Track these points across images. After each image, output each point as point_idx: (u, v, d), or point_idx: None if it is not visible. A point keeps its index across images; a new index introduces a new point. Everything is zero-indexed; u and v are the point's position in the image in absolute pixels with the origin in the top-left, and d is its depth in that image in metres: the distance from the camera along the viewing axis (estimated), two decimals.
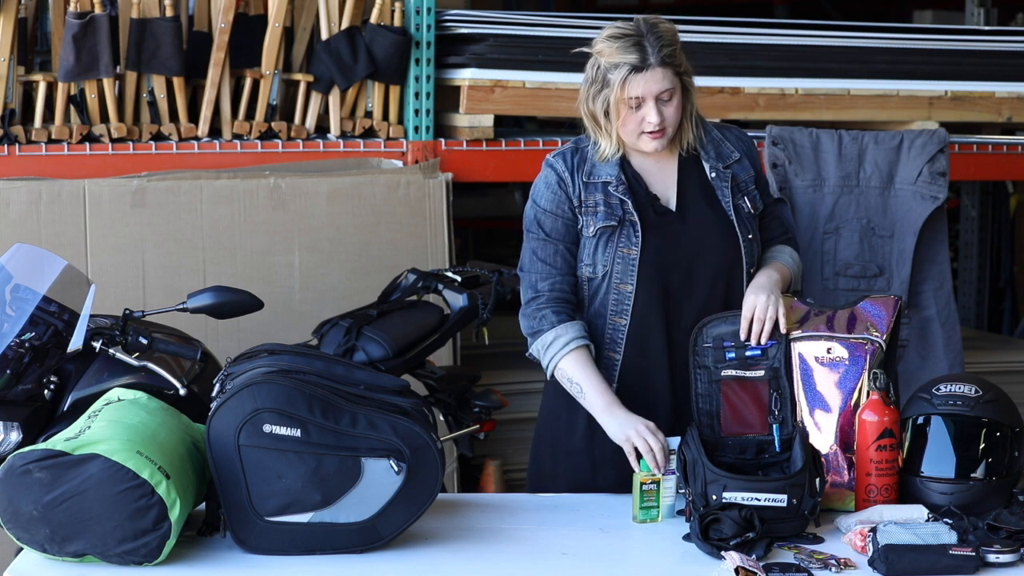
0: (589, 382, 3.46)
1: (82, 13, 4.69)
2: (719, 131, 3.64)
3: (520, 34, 5.11)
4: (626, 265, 3.49)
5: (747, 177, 3.60)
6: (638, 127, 3.46)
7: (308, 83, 5.03)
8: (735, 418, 3.44)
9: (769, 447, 3.41)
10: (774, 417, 3.41)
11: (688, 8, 8.70)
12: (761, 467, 3.37)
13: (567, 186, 3.52)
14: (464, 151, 5.13)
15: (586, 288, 3.54)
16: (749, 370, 3.44)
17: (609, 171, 3.52)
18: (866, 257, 4.67)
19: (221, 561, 3.03)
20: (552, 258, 3.53)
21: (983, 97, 5.48)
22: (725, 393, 3.44)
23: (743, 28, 5.38)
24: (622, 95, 3.43)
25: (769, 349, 3.44)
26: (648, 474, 3.29)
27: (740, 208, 3.57)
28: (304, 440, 3.04)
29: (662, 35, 3.44)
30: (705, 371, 3.45)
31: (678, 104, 3.48)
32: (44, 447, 2.95)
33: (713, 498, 3.16)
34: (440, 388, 4.53)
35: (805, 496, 3.17)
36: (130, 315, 3.87)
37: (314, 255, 4.92)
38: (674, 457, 3.31)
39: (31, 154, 4.78)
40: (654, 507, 3.29)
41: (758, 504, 3.14)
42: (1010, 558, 3.02)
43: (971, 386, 3.38)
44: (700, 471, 3.20)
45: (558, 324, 3.49)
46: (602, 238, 3.50)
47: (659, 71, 3.42)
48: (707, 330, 3.45)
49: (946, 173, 4.72)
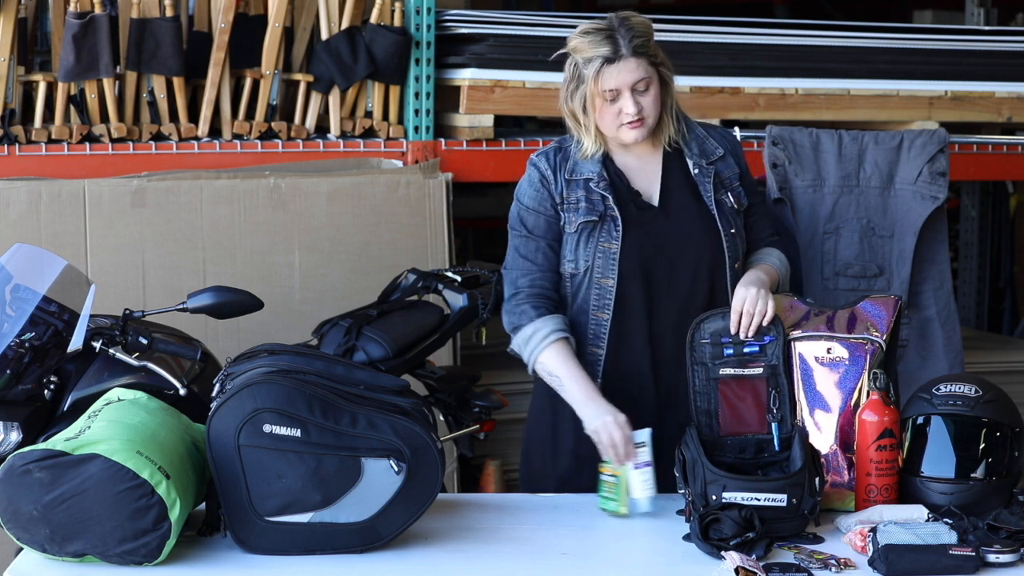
0: (568, 373, 3.47)
1: (82, 13, 4.69)
2: (704, 129, 3.65)
3: (520, 34, 5.12)
4: (607, 259, 3.51)
5: (731, 174, 3.62)
6: (616, 119, 3.49)
7: (308, 83, 5.03)
8: (733, 417, 3.43)
9: (768, 446, 3.41)
10: (773, 416, 3.41)
11: (688, 8, 8.70)
12: (760, 466, 3.37)
13: (549, 184, 3.55)
14: (464, 151, 5.13)
15: (569, 285, 3.56)
16: (747, 368, 3.43)
17: (591, 168, 3.55)
18: (866, 257, 4.66)
19: (221, 561, 3.03)
20: (533, 255, 3.55)
21: (983, 97, 5.48)
22: (723, 392, 3.43)
23: (743, 28, 5.38)
24: (597, 88, 3.46)
25: (767, 346, 3.43)
26: (609, 465, 3.30)
27: (723, 203, 3.58)
28: (304, 440, 3.04)
29: (634, 27, 3.48)
30: (703, 368, 3.44)
31: (655, 94, 3.50)
32: (44, 447, 2.95)
33: (713, 498, 3.16)
34: (440, 388, 4.53)
35: (805, 496, 3.17)
36: (130, 315, 3.87)
37: (314, 255, 4.92)
38: (645, 450, 3.30)
39: (31, 154, 4.78)
40: (613, 499, 3.31)
41: (758, 504, 3.14)
42: (1010, 558, 3.02)
43: (971, 386, 3.38)
44: (700, 471, 3.20)
45: (537, 318, 3.51)
46: (583, 233, 3.52)
47: (632, 61, 3.45)
48: (704, 326, 3.44)
49: (946, 173, 4.71)
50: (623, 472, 3.30)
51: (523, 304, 3.53)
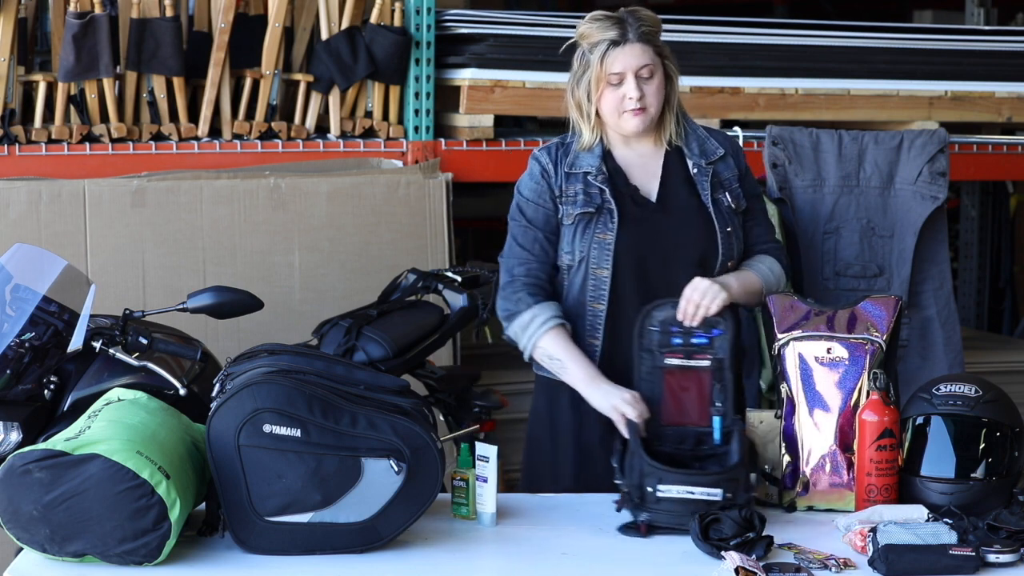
0: (570, 356, 3.50)
1: (82, 13, 4.69)
2: (705, 131, 3.67)
3: (520, 34, 5.12)
4: (602, 250, 3.52)
5: (730, 175, 3.64)
6: (619, 104, 3.52)
7: (308, 83, 5.03)
8: (676, 407, 3.44)
9: (708, 439, 3.42)
10: (716, 409, 3.42)
11: (688, 8, 8.70)
12: (698, 458, 3.39)
13: (550, 177, 3.58)
14: (464, 151, 5.13)
15: (565, 276, 3.58)
16: (693, 359, 3.44)
17: (591, 162, 3.58)
18: (866, 257, 4.66)
19: (221, 561, 3.02)
20: (531, 244, 3.58)
21: (983, 97, 5.48)
22: (668, 381, 3.44)
23: (743, 28, 5.38)
24: (602, 72, 3.50)
25: (716, 339, 3.44)
26: (462, 471, 3.30)
27: (720, 202, 3.60)
28: (304, 440, 3.04)
29: (642, 17, 3.53)
30: (649, 355, 3.45)
31: (659, 85, 3.53)
32: (44, 447, 2.95)
33: (648, 490, 3.19)
34: (440, 388, 4.53)
35: (740, 491, 3.20)
36: (130, 315, 3.87)
37: (314, 255, 4.92)
38: (487, 465, 3.26)
39: (31, 154, 4.78)
40: (464, 504, 3.30)
41: (692, 498, 3.16)
42: (1010, 558, 3.02)
43: (971, 386, 3.38)
44: (637, 463, 3.23)
45: (535, 304, 3.54)
46: (580, 225, 3.55)
47: (638, 46, 3.50)
48: (655, 314, 3.45)
49: (946, 173, 4.71)
50: (471, 479, 3.30)
51: (519, 291, 3.56)
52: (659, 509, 3.19)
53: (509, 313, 3.57)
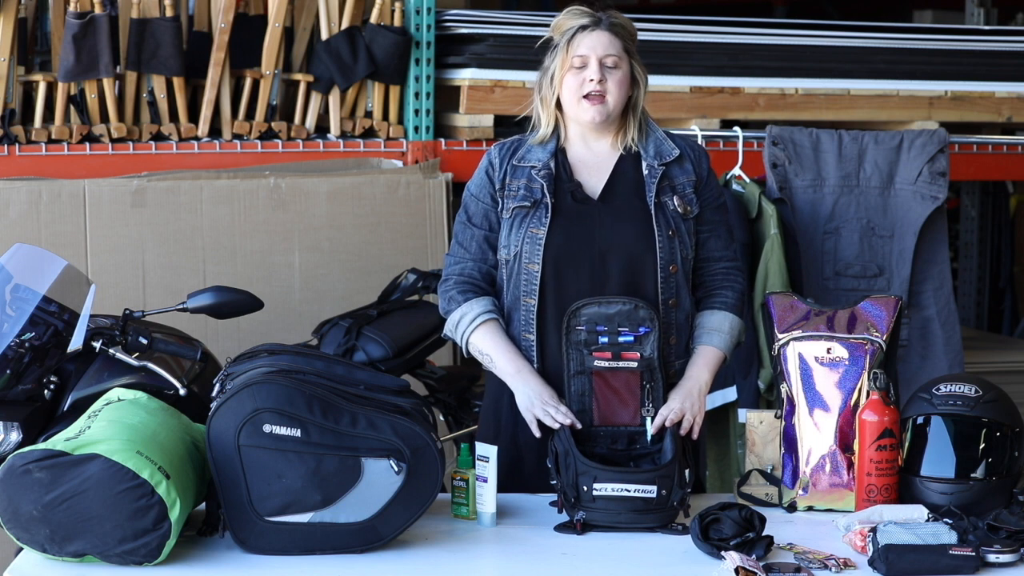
0: (497, 350, 3.50)
1: (82, 13, 4.69)
2: (667, 135, 3.62)
3: (520, 34, 5.12)
4: (533, 245, 3.51)
5: (685, 180, 3.57)
6: (580, 88, 3.50)
7: (308, 83, 5.03)
8: (607, 408, 3.44)
9: (640, 438, 3.42)
10: (647, 410, 3.42)
11: (688, 8, 8.70)
12: (632, 458, 3.40)
13: (494, 171, 3.58)
14: (464, 151, 5.13)
15: (504, 272, 3.57)
16: (622, 360, 3.44)
17: (540, 156, 3.57)
18: (866, 257, 4.67)
19: (221, 561, 3.02)
20: (468, 243, 3.59)
21: (983, 97, 5.48)
22: (597, 383, 3.44)
23: (743, 28, 5.38)
24: (567, 56, 3.50)
25: (642, 337, 3.42)
26: (462, 471, 3.30)
27: (665, 205, 3.54)
28: (304, 440, 3.04)
29: (618, 16, 3.55)
30: (577, 353, 3.44)
31: (623, 79, 3.52)
32: (44, 447, 2.95)
33: (584, 489, 3.20)
34: (440, 388, 4.54)
35: (675, 487, 3.22)
36: (130, 315, 3.87)
37: (314, 255, 4.93)
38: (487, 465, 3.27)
39: (31, 154, 4.78)
40: (464, 504, 3.30)
41: (628, 495, 3.18)
42: (1010, 558, 3.02)
43: (971, 386, 3.38)
44: (571, 462, 3.24)
45: (464, 303, 3.54)
46: (516, 218, 3.54)
47: (607, 35, 3.51)
48: (582, 312, 3.44)
49: (946, 173, 4.72)
50: (471, 479, 3.30)
51: (451, 290, 3.57)
52: (595, 508, 3.21)
53: (444, 312, 3.59)
